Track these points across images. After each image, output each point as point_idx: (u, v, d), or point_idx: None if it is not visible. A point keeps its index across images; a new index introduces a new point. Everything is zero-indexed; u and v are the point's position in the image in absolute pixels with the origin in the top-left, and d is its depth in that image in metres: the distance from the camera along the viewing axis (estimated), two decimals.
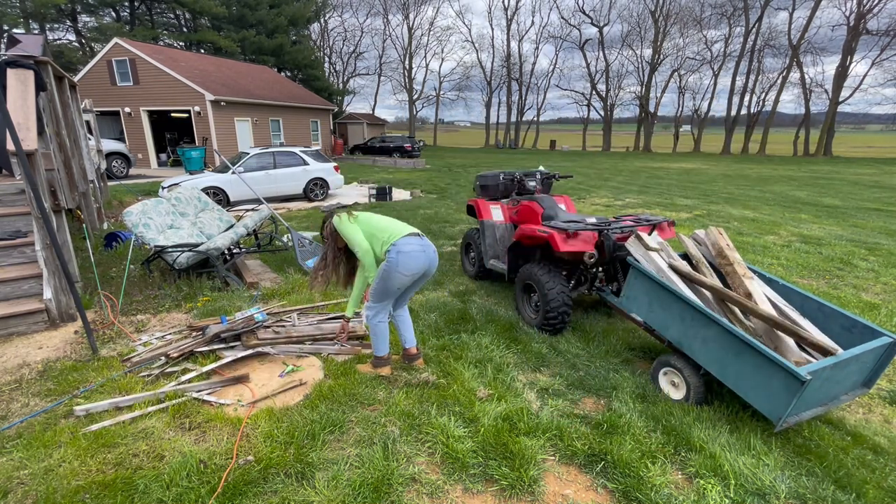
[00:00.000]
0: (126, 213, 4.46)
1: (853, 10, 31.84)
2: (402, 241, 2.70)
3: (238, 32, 29.28)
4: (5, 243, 3.89)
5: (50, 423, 2.45)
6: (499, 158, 29.24)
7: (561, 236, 3.26)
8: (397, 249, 2.68)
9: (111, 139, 16.03)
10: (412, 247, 2.70)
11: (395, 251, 2.68)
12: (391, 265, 2.68)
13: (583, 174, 18.01)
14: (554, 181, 4.97)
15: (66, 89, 5.96)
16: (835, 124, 35.28)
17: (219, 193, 9.48)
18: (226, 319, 3.34)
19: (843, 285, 4.90)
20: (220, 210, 5.70)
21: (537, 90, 50.72)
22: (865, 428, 2.54)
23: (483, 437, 2.33)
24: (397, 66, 48.22)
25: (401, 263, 2.67)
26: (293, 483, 2.04)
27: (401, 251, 2.67)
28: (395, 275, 2.69)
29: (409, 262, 2.68)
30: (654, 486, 2.01)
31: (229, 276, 4.65)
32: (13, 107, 3.60)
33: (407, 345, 3.08)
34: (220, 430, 2.41)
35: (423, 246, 2.75)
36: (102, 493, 1.97)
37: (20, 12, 24.20)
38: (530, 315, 3.76)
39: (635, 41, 42.59)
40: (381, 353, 2.96)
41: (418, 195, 11.85)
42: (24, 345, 3.36)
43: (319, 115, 25.53)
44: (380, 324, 2.89)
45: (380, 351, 2.96)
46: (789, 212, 9.61)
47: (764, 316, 2.52)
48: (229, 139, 18.45)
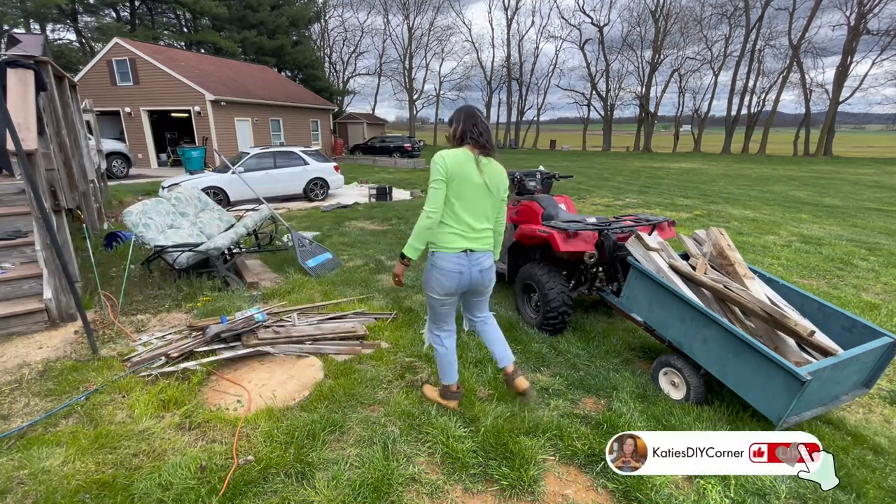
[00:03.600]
0: (126, 213, 4.46)
1: (854, 9, 31.83)
2: (443, 254, 2.30)
3: (239, 33, 29.29)
4: (5, 243, 3.89)
5: (50, 423, 2.45)
6: (499, 158, 29.18)
7: (561, 236, 3.25)
8: (433, 261, 2.34)
9: (111, 139, 16.05)
10: (449, 264, 2.30)
11: (430, 262, 2.35)
12: (425, 277, 2.42)
13: (583, 174, 18.01)
14: (554, 181, 4.95)
15: (67, 89, 5.96)
16: (835, 124, 35.27)
17: (219, 193, 9.48)
18: (226, 319, 3.34)
19: (844, 285, 4.90)
20: (220, 210, 5.70)
21: (537, 90, 50.75)
22: (865, 428, 2.54)
23: (483, 437, 2.32)
24: (397, 66, 48.17)
25: (432, 279, 2.35)
26: (293, 483, 2.04)
27: (434, 265, 2.33)
28: (428, 291, 2.41)
29: (442, 280, 2.32)
30: (655, 486, 2.01)
31: (229, 276, 4.65)
32: (13, 107, 3.60)
33: (500, 364, 2.61)
34: (220, 430, 2.41)
35: (464, 265, 2.31)
36: (102, 493, 1.97)
37: (20, 12, 24.22)
38: (530, 315, 3.75)
39: (636, 41, 42.62)
40: (444, 380, 2.56)
41: (418, 195, 11.85)
42: (24, 345, 3.36)
43: (319, 114, 25.54)
44: (438, 347, 2.53)
45: (443, 378, 2.57)
46: (789, 212, 9.61)
47: (756, 305, 2.51)
48: (229, 139, 18.46)
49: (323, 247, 5.56)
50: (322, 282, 4.74)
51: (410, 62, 46.06)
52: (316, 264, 5.11)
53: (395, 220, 8.32)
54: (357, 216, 8.90)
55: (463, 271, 2.32)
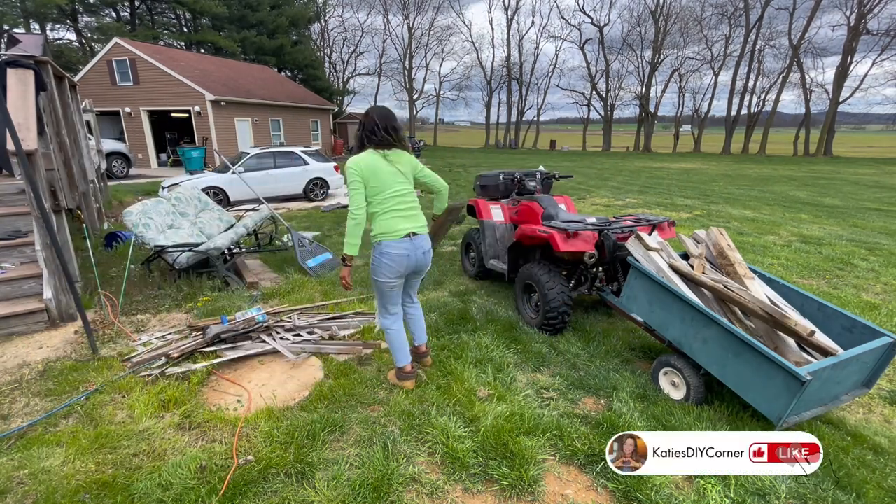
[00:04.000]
0: (126, 213, 4.46)
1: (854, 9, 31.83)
2: (389, 242, 2.52)
3: (239, 33, 29.28)
4: (5, 243, 3.89)
5: (50, 423, 2.46)
6: (499, 158, 29.23)
7: (561, 236, 3.25)
8: (381, 250, 2.54)
9: (111, 139, 16.05)
10: (398, 250, 2.52)
11: (378, 251, 2.55)
12: (373, 266, 2.59)
13: (583, 174, 18.01)
14: (554, 181, 4.96)
15: (67, 89, 5.96)
16: (835, 124, 35.27)
17: (219, 193, 9.48)
18: (226, 319, 3.34)
19: (844, 285, 4.90)
20: (220, 210, 5.70)
21: (537, 90, 50.69)
22: (865, 428, 2.54)
23: (483, 437, 2.32)
24: (397, 65, 48.18)
25: (383, 266, 2.54)
26: (293, 483, 2.04)
27: (383, 253, 2.53)
28: (378, 277, 2.59)
29: (391, 265, 2.54)
30: (655, 486, 2.01)
31: (229, 276, 4.65)
32: (13, 107, 3.60)
33: (415, 342, 2.95)
34: (220, 430, 2.41)
35: (409, 249, 2.56)
36: (102, 493, 1.97)
37: (20, 12, 24.21)
38: (530, 315, 3.76)
39: (636, 41, 42.61)
40: (398, 363, 2.77)
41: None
42: (24, 345, 3.36)
43: (320, 114, 25.53)
44: (390, 331, 2.73)
45: (397, 361, 2.77)
46: (789, 212, 9.61)
47: (756, 305, 2.51)
48: (229, 139, 18.45)
49: (323, 247, 5.56)
50: (322, 282, 4.74)
51: (410, 62, 46.07)
52: (316, 264, 5.11)
53: None
54: None
55: (410, 254, 2.57)
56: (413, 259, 2.59)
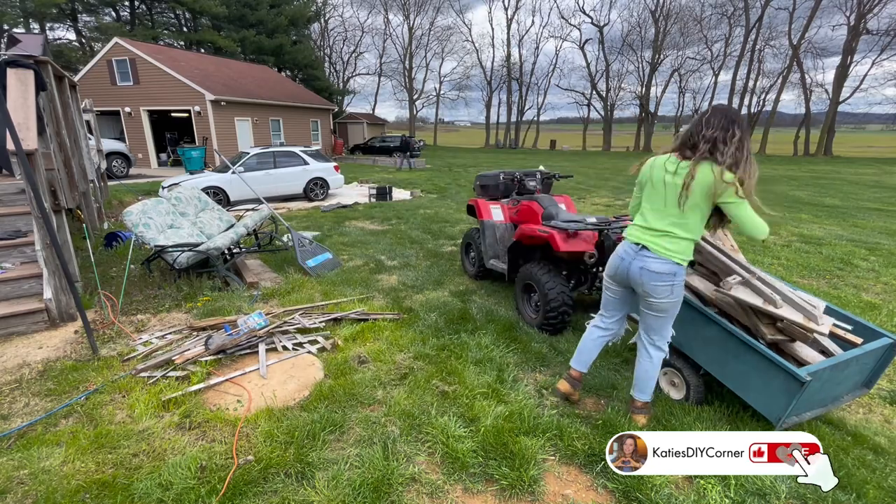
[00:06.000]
0: (126, 213, 4.46)
1: (854, 10, 31.83)
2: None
3: (238, 32, 29.29)
4: (5, 243, 3.89)
5: (50, 422, 2.45)
6: (499, 158, 29.23)
7: (561, 236, 3.25)
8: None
9: (111, 139, 16.04)
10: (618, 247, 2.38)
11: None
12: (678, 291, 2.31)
13: (583, 174, 18.01)
14: (554, 181, 4.96)
15: (66, 89, 5.95)
16: (835, 124, 35.28)
17: (219, 193, 9.48)
18: (229, 329, 3.31)
19: (844, 285, 4.90)
20: (220, 210, 5.70)
21: (537, 90, 50.76)
22: (865, 428, 2.54)
23: (483, 437, 2.32)
24: (398, 65, 48.19)
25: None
26: (293, 483, 2.04)
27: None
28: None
29: (611, 261, 2.40)
30: (655, 486, 2.01)
31: (229, 276, 4.65)
32: (13, 106, 3.60)
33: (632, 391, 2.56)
34: (220, 429, 2.40)
35: (624, 253, 2.31)
36: (102, 493, 1.97)
37: (20, 12, 24.21)
38: (530, 315, 3.75)
39: (635, 41, 42.61)
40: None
41: (418, 195, 11.85)
42: (24, 344, 3.35)
43: (319, 114, 25.52)
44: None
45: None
46: (789, 211, 9.60)
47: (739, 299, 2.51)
48: (229, 139, 18.45)
49: (323, 247, 5.56)
50: (322, 282, 4.74)
51: (411, 62, 46.08)
52: (316, 264, 5.11)
53: (395, 220, 8.32)
54: (357, 216, 8.90)
55: (624, 259, 2.33)
56: (619, 262, 2.34)
